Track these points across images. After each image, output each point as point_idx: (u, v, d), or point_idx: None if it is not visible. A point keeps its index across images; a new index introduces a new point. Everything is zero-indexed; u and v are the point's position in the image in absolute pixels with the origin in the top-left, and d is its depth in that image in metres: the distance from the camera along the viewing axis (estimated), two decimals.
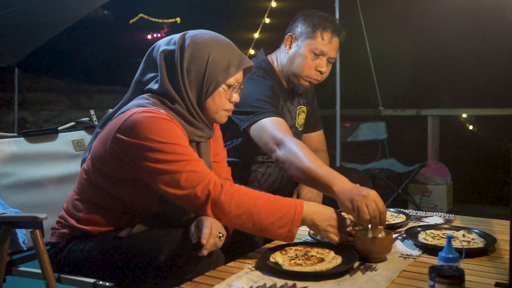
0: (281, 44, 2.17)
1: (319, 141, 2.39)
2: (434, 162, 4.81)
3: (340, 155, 4.27)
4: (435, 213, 2.12)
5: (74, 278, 1.56)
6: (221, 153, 1.80)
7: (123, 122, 1.45)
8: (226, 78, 1.54)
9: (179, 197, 1.43)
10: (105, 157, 1.49)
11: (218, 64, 1.52)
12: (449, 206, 4.66)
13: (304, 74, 2.10)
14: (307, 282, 1.33)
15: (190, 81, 1.52)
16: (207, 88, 1.53)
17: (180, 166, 1.41)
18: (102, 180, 1.53)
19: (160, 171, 1.41)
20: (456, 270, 1.18)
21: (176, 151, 1.42)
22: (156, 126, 1.42)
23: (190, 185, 1.41)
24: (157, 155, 1.41)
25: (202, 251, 1.36)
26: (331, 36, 2.07)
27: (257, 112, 1.94)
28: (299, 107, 2.29)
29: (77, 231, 1.57)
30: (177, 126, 1.48)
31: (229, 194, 1.43)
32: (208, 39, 1.54)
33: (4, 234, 1.61)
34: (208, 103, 1.55)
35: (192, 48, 1.51)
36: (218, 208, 1.43)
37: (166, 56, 1.53)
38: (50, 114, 5.54)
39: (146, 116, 1.42)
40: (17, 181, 1.83)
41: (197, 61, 1.50)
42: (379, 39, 4.86)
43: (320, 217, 1.51)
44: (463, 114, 5.18)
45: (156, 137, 1.41)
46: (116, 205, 1.53)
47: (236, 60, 1.55)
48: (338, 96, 4.19)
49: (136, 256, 1.44)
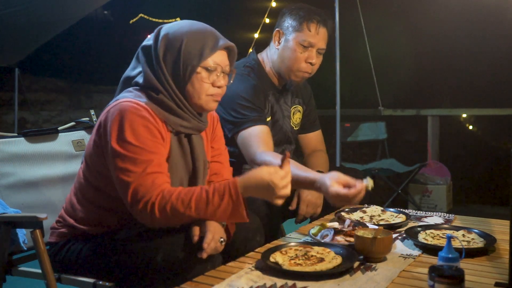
0: (270, 41, 2.18)
1: (318, 141, 2.39)
2: (434, 162, 4.81)
3: (340, 155, 4.27)
4: (435, 213, 2.12)
5: (74, 278, 1.56)
6: (224, 153, 1.80)
7: (105, 112, 1.49)
8: (200, 61, 1.52)
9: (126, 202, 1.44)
10: (92, 153, 1.52)
11: (192, 49, 1.51)
12: (449, 206, 4.65)
13: (295, 68, 2.11)
14: (307, 282, 1.33)
15: (168, 69, 1.52)
16: (183, 74, 1.52)
17: (133, 176, 1.40)
18: (95, 179, 1.54)
19: (118, 173, 1.42)
20: (456, 270, 1.18)
21: (138, 158, 1.41)
22: (132, 125, 1.43)
23: (135, 198, 1.40)
24: (120, 159, 1.41)
25: (202, 254, 1.37)
26: (317, 26, 2.08)
27: (239, 123, 2.01)
28: (294, 106, 2.29)
29: (76, 231, 1.57)
30: (152, 125, 1.46)
31: (161, 208, 1.39)
32: (182, 27, 1.54)
33: (4, 234, 1.62)
34: (188, 89, 1.54)
35: (166, 38, 1.52)
36: (157, 223, 1.42)
37: (146, 50, 1.56)
38: (50, 114, 5.54)
39: (124, 112, 1.44)
40: (17, 181, 1.83)
41: (172, 49, 1.51)
42: (379, 39, 4.86)
43: (259, 182, 1.42)
44: (463, 114, 5.18)
45: (127, 137, 1.41)
46: (112, 205, 1.53)
47: (210, 42, 1.53)
48: (338, 96, 4.19)
49: (134, 256, 1.44)
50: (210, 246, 1.39)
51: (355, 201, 1.62)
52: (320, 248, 1.52)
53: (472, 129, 5.33)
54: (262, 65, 2.19)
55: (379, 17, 4.77)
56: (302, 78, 2.16)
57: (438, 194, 4.60)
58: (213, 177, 1.74)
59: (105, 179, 1.51)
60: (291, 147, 2.33)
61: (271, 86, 2.19)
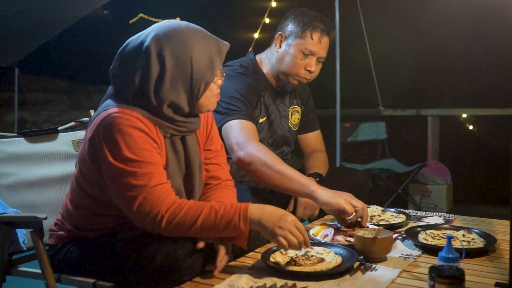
0: (271, 43, 2.18)
1: (317, 141, 2.39)
2: (434, 162, 4.81)
3: (340, 155, 4.27)
4: (435, 213, 2.12)
5: (74, 278, 1.56)
6: (221, 155, 1.75)
7: (97, 126, 1.42)
8: (213, 75, 1.49)
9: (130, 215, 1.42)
10: (86, 162, 1.47)
11: (202, 64, 1.45)
12: (449, 206, 4.65)
13: (293, 73, 2.11)
14: (307, 282, 1.33)
15: (178, 88, 1.44)
16: (197, 90, 1.47)
17: (137, 191, 1.37)
18: (90, 187, 1.51)
19: (119, 190, 1.40)
20: (456, 270, 1.18)
21: (138, 172, 1.38)
22: (126, 138, 1.38)
23: (142, 212, 1.38)
24: (119, 174, 1.38)
25: (214, 272, 1.40)
26: (320, 35, 2.07)
27: (228, 113, 1.99)
28: (292, 107, 2.29)
29: (74, 234, 1.58)
30: (146, 134, 1.41)
31: (169, 222, 1.38)
32: (184, 39, 1.44)
33: (4, 234, 1.61)
34: (202, 101, 1.50)
35: (172, 54, 1.42)
36: (161, 233, 1.41)
37: (140, 59, 1.43)
38: (50, 114, 5.54)
39: (116, 125, 1.38)
40: (17, 181, 1.82)
41: (182, 67, 1.43)
42: (379, 39, 4.85)
43: (268, 218, 1.40)
44: (463, 114, 5.18)
45: (124, 153, 1.37)
46: (108, 211, 1.51)
47: (214, 50, 1.48)
48: (338, 96, 4.19)
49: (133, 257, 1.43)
50: (222, 263, 1.42)
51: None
52: (320, 248, 1.51)
53: (472, 129, 5.32)
54: (259, 66, 2.19)
55: (379, 17, 4.76)
56: (299, 82, 2.17)
57: (438, 194, 4.60)
58: (211, 180, 1.70)
59: (99, 187, 1.48)
60: (289, 149, 2.32)
61: (268, 86, 2.19)
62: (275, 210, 1.43)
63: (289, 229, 1.39)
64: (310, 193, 1.77)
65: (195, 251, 1.40)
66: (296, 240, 1.39)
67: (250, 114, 2.02)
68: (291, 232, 1.39)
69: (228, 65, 2.16)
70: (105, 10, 5.03)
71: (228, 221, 1.38)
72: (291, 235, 1.39)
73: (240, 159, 1.87)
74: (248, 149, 1.87)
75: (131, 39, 1.50)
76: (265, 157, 1.83)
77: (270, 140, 2.20)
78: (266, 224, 1.39)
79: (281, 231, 1.38)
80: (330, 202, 1.72)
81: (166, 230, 1.39)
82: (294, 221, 1.42)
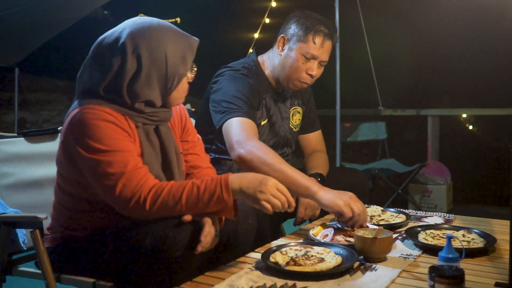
0: (274, 45, 2.17)
1: (318, 141, 2.39)
2: (434, 162, 4.81)
3: (340, 155, 4.27)
4: (435, 213, 2.12)
5: (74, 278, 1.56)
6: (198, 144, 1.77)
7: (68, 124, 1.45)
8: (186, 69, 1.53)
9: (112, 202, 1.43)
10: (61, 161, 1.51)
11: (175, 59, 1.49)
12: (449, 206, 4.65)
13: (294, 77, 2.10)
14: (307, 282, 1.33)
15: (152, 84, 1.47)
16: (170, 85, 1.51)
17: (115, 179, 1.39)
18: (70, 186, 1.53)
19: (99, 181, 1.41)
20: (456, 270, 1.18)
21: (113, 160, 1.39)
22: (95, 131, 1.40)
23: (124, 198, 1.39)
24: (96, 166, 1.40)
25: (197, 248, 1.37)
26: (323, 40, 2.06)
27: (228, 111, 1.97)
28: (294, 107, 2.29)
29: (65, 235, 1.58)
30: (115, 125, 1.43)
31: (153, 203, 1.39)
32: (158, 35, 1.47)
33: (4, 234, 1.62)
34: (174, 95, 1.54)
35: (147, 50, 1.45)
36: (147, 216, 1.42)
37: (115, 55, 1.46)
38: (50, 114, 5.55)
39: (84, 120, 1.40)
40: (17, 181, 1.83)
41: (157, 63, 1.46)
42: (379, 39, 4.85)
43: (248, 184, 1.40)
44: (463, 114, 5.18)
45: (96, 145, 1.39)
46: (92, 208, 1.52)
47: (186, 45, 1.52)
48: (338, 96, 4.19)
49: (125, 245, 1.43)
50: (207, 239, 1.38)
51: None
52: (320, 248, 1.52)
53: (472, 129, 5.33)
54: (261, 67, 2.18)
55: (379, 17, 4.76)
56: (300, 88, 2.16)
57: (438, 194, 4.60)
58: (191, 170, 1.72)
59: (79, 186, 1.50)
60: (290, 150, 2.32)
61: (269, 88, 2.18)
62: (254, 176, 1.44)
63: (271, 192, 1.40)
64: (311, 195, 1.77)
65: (182, 225, 1.39)
66: (279, 202, 1.40)
67: (251, 113, 2.01)
68: (273, 195, 1.40)
69: (230, 67, 2.15)
70: (105, 10, 5.04)
71: (211, 194, 1.39)
72: (274, 198, 1.40)
73: (240, 156, 1.86)
74: (248, 147, 1.86)
75: (105, 35, 1.53)
76: (266, 156, 1.82)
77: (271, 142, 2.19)
78: (247, 191, 1.40)
79: (263, 195, 1.39)
80: (330, 205, 1.73)
81: (151, 212, 1.39)
82: (275, 183, 1.42)
